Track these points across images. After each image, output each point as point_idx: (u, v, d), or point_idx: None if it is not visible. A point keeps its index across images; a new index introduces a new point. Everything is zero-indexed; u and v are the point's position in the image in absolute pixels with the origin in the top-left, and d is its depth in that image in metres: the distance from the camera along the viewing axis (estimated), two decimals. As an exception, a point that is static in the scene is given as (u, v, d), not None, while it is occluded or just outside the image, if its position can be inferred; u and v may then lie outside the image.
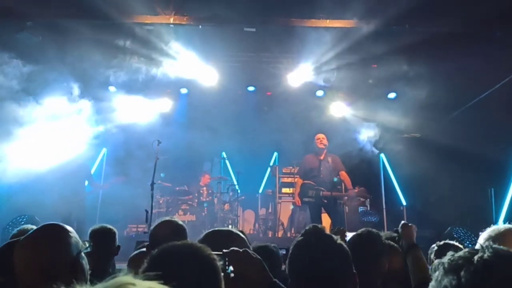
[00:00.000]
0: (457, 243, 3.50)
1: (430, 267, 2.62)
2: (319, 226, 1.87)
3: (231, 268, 1.64)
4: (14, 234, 3.49)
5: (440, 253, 3.38)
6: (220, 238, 2.03)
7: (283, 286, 1.71)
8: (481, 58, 7.68)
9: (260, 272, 1.69)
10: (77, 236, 1.77)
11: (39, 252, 1.65)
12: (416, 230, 2.94)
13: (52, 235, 1.73)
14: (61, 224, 1.79)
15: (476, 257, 1.09)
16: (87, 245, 1.82)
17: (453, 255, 1.16)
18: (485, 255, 1.09)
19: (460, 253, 1.15)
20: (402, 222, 2.97)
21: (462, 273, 1.08)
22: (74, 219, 7.34)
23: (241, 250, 1.70)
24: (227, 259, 1.64)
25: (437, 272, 1.15)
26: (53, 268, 1.61)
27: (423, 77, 8.76)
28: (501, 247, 1.13)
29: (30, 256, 1.66)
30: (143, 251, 3.14)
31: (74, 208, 7.57)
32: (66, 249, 1.69)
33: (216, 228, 2.23)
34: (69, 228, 1.79)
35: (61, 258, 1.66)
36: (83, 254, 1.75)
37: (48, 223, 1.80)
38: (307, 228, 1.87)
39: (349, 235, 3.03)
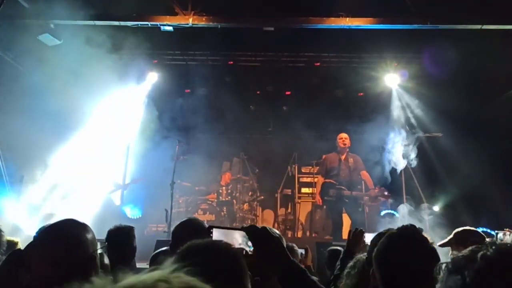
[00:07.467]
0: (478, 229, 3.42)
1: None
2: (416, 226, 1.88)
3: (249, 243, 1.67)
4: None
5: (460, 239, 3.31)
6: None
7: (300, 265, 1.71)
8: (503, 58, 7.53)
9: (279, 250, 1.69)
10: (93, 233, 1.74)
11: (52, 245, 1.63)
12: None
13: (68, 230, 1.70)
14: (77, 220, 1.75)
15: (479, 255, 1.10)
16: (103, 245, 1.79)
17: (456, 255, 1.17)
18: (488, 252, 1.10)
19: (465, 251, 1.15)
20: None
21: (466, 272, 1.09)
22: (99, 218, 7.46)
23: (259, 227, 1.72)
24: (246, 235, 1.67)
25: (441, 274, 1.16)
26: (66, 263, 1.59)
27: (444, 78, 8.60)
28: (504, 243, 1.13)
29: (44, 248, 1.63)
30: (164, 250, 3.22)
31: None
32: (81, 245, 1.66)
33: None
34: (85, 224, 1.75)
35: (75, 253, 1.63)
36: (100, 253, 1.72)
37: (65, 218, 1.76)
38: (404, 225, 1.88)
39: (368, 236, 2.97)
